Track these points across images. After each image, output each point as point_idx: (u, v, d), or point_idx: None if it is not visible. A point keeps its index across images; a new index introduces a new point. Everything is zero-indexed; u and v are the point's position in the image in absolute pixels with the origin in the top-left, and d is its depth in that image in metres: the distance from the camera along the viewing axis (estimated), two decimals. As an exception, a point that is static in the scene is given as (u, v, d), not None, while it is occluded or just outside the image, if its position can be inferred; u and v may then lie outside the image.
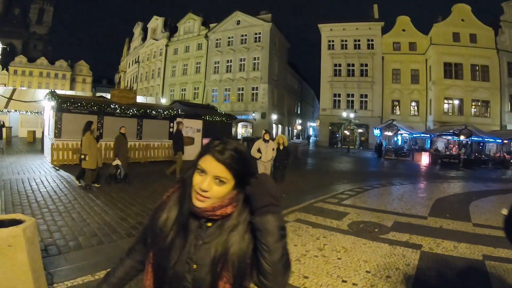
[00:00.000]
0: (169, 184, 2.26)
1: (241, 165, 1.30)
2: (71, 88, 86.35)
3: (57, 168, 13.88)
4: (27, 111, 27.50)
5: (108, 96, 18.83)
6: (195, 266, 1.28)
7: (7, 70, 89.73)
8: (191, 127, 19.12)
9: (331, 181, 14.67)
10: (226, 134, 16.05)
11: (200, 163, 1.29)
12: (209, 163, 1.27)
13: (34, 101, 26.77)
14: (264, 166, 10.21)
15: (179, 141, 13.04)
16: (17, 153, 18.65)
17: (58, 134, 15.19)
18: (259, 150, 10.14)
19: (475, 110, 38.43)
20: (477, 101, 38.24)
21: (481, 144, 30.09)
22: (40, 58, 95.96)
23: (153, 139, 17.76)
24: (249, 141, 24.95)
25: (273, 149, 10.19)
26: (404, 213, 8.69)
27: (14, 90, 29.85)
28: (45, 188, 9.79)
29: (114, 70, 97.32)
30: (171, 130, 18.21)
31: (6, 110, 27.25)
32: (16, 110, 27.86)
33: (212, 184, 1.26)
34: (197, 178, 1.28)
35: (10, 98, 27.55)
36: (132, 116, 17.30)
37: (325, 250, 5.67)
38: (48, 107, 17.11)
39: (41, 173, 12.44)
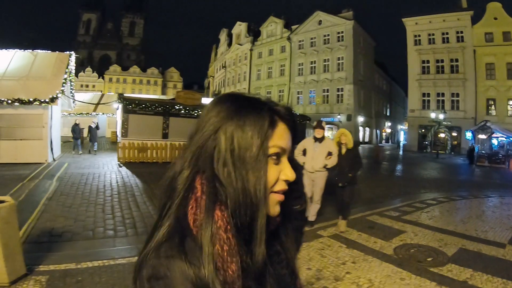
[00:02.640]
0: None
1: None
2: (163, 94, 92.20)
3: (121, 165, 15.30)
4: (112, 114, 31.69)
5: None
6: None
7: (103, 78, 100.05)
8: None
9: (404, 190, 12.99)
10: (299, 137, 16.11)
11: (275, 143, 0.77)
12: (288, 136, 0.82)
13: (102, 104, 31.82)
14: (311, 179, 6.85)
15: None
16: (96, 151, 20.13)
17: (124, 133, 16.66)
18: (304, 153, 6.89)
19: None
20: None
21: None
22: (133, 67, 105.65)
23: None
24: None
25: (330, 154, 6.69)
26: (476, 237, 6.77)
27: (102, 95, 34.90)
28: (98, 182, 10.85)
29: (204, 75, 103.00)
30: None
31: (95, 113, 31.92)
32: (103, 113, 32.85)
33: None
34: (274, 170, 0.77)
35: (97, 104, 31.78)
36: (198, 117, 18.11)
37: (343, 282, 4.50)
38: (119, 109, 18.40)
39: (104, 169, 13.79)
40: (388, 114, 66.48)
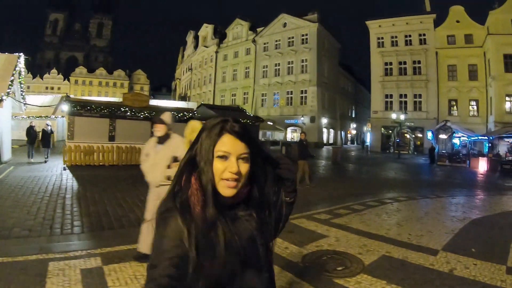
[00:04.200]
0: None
1: (252, 136, 1.27)
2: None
3: (66, 168, 14.78)
4: None
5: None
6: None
7: (69, 80, 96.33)
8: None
9: (350, 191, 12.31)
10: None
11: (219, 148, 1.19)
12: (232, 143, 1.19)
13: (47, 106, 28.98)
14: (155, 196, 4.55)
15: (303, 149, 12.82)
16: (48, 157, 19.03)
17: (70, 136, 16.27)
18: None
19: (543, 108, 33.70)
20: (546, 98, 33.59)
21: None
22: (99, 69, 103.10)
23: (168, 142, 17.52)
24: (288, 145, 22.99)
25: (176, 160, 4.42)
26: (407, 243, 6.05)
27: (62, 97, 32.50)
28: (35, 185, 10.63)
29: (172, 78, 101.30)
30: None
31: (54, 116, 29.83)
32: (63, 116, 30.04)
33: (239, 164, 1.19)
34: (219, 165, 1.18)
35: (55, 106, 29.89)
36: (145, 119, 17.59)
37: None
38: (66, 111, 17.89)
39: (47, 173, 13.35)
40: (353, 115, 67.05)
